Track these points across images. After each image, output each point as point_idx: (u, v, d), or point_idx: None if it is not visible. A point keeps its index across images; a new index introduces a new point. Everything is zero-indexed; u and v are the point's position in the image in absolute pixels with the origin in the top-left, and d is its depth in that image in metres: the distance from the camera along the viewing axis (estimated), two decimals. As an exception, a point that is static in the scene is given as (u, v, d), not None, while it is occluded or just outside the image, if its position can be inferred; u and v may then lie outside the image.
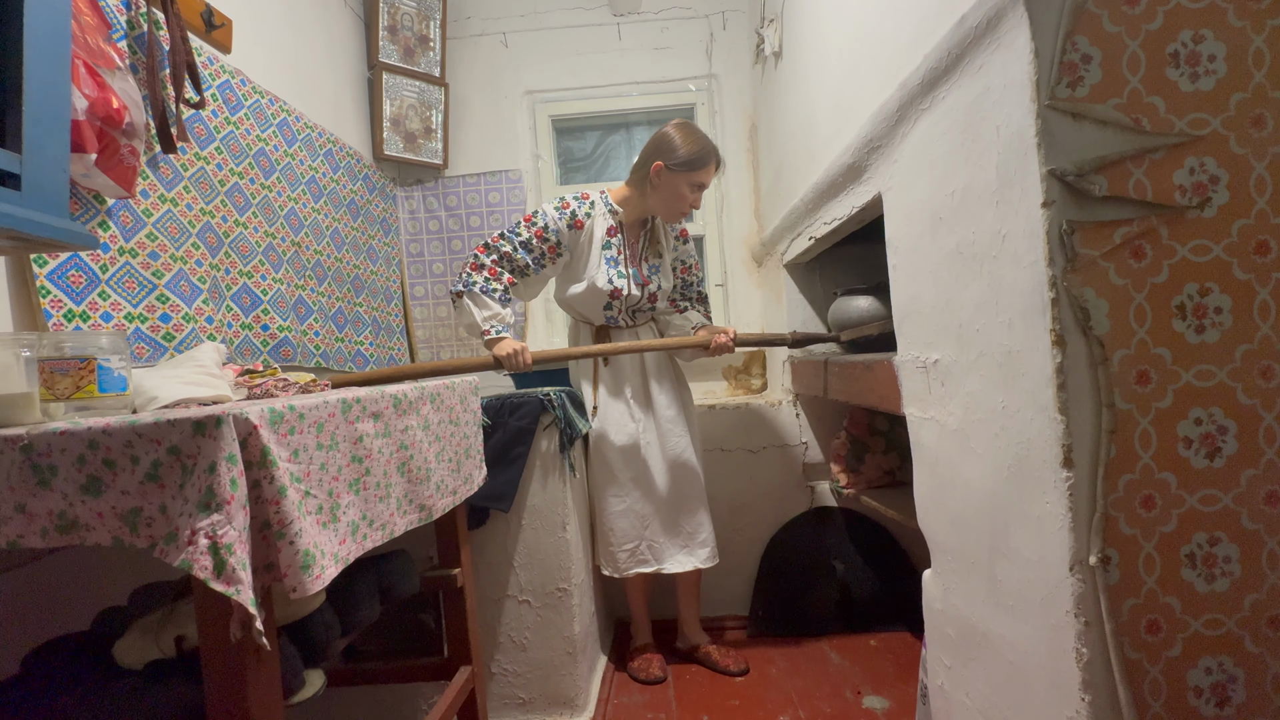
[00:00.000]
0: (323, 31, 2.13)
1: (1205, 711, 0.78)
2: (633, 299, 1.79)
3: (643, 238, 1.83)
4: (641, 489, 1.79)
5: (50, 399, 0.83)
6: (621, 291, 1.76)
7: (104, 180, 1.10)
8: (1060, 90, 0.77)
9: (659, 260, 1.85)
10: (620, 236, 1.79)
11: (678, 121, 1.75)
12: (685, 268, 1.91)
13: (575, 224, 1.76)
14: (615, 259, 1.77)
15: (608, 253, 1.77)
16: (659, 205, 1.76)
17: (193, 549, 0.61)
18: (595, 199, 1.80)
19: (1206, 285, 0.77)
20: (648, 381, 1.83)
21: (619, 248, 1.78)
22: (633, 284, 1.78)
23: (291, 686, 0.85)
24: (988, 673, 0.99)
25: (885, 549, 2.07)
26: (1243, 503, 0.78)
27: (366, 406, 0.91)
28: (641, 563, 1.79)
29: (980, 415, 0.95)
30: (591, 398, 1.80)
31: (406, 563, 1.20)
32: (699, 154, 1.70)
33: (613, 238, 1.78)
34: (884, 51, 1.21)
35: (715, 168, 1.75)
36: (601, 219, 1.79)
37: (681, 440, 1.83)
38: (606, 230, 1.78)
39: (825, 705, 1.61)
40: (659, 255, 1.85)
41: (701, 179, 1.73)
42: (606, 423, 1.78)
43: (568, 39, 2.65)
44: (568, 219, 1.75)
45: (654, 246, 1.85)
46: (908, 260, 1.15)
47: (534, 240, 1.73)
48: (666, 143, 1.71)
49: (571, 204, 1.77)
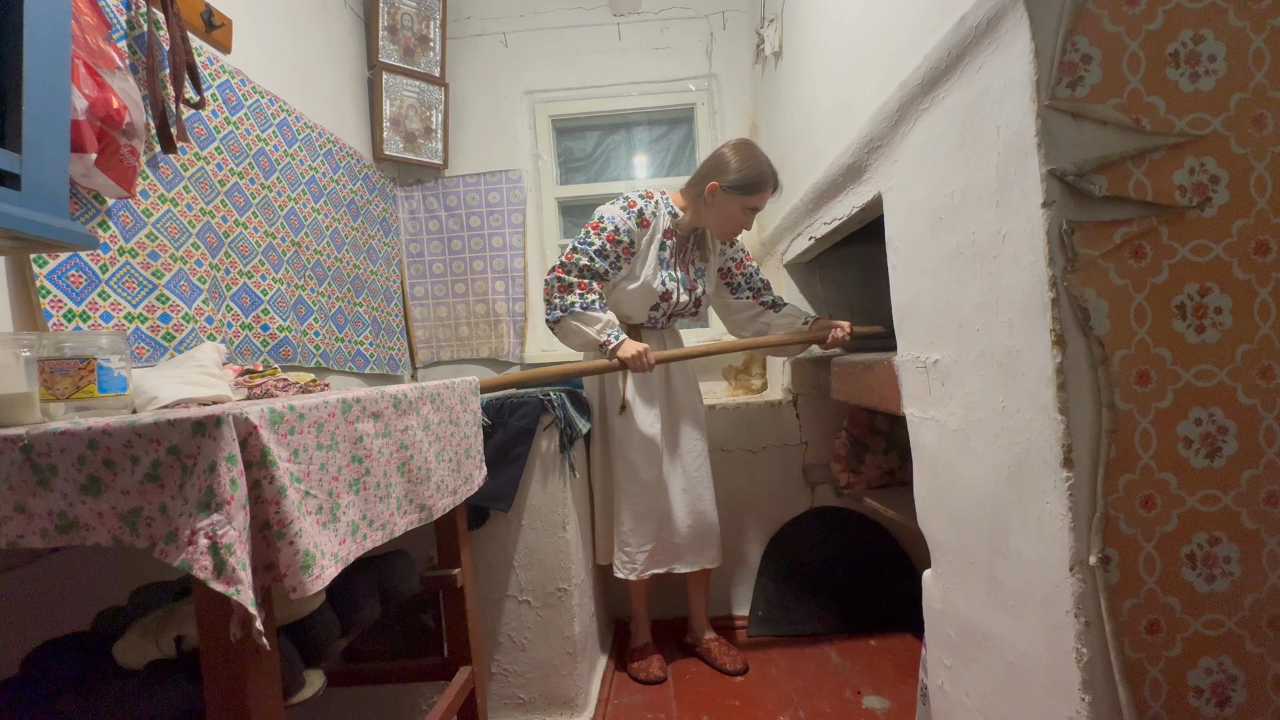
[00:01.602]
0: (323, 31, 2.13)
1: (1205, 711, 0.78)
2: (679, 304, 1.82)
3: (692, 243, 1.84)
4: (662, 490, 1.80)
5: (50, 399, 0.83)
6: (671, 295, 1.79)
7: (104, 180, 1.10)
8: (1060, 90, 0.77)
9: (705, 265, 1.87)
10: (675, 240, 1.80)
11: (737, 141, 1.75)
12: (738, 263, 1.91)
13: (642, 222, 1.76)
14: (668, 261, 1.79)
15: (662, 254, 1.78)
16: (711, 222, 1.78)
17: (193, 549, 0.61)
18: (659, 199, 1.80)
19: (1206, 285, 0.77)
20: (671, 382, 1.85)
21: (672, 251, 1.80)
22: (682, 289, 1.81)
23: (291, 686, 0.85)
24: (988, 673, 0.99)
25: (885, 549, 2.07)
26: (1243, 503, 0.78)
27: (366, 406, 0.91)
28: (657, 564, 1.81)
29: (980, 415, 0.95)
30: (620, 396, 1.80)
31: (406, 563, 1.20)
32: (755, 179, 1.70)
33: (668, 240, 1.79)
34: (884, 51, 1.21)
35: (772, 191, 1.75)
36: (663, 219, 1.79)
37: (699, 443, 1.86)
38: (664, 232, 1.79)
39: (825, 705, 1.61)
40: (705, 260, 1.87)
41: (755, 203, 1.73)
42: (634, 423, 1.78)
43: (568, 39, 2.65)
44: (635, 218, 1.75)
45: (703, 253, 1.87)
46: (908, 260, 1.15)
47: (608, 245, 1.72)
48: (722, 163, 1.71)
49: (638, 203, 1.77)
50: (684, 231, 1.82)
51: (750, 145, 1.75)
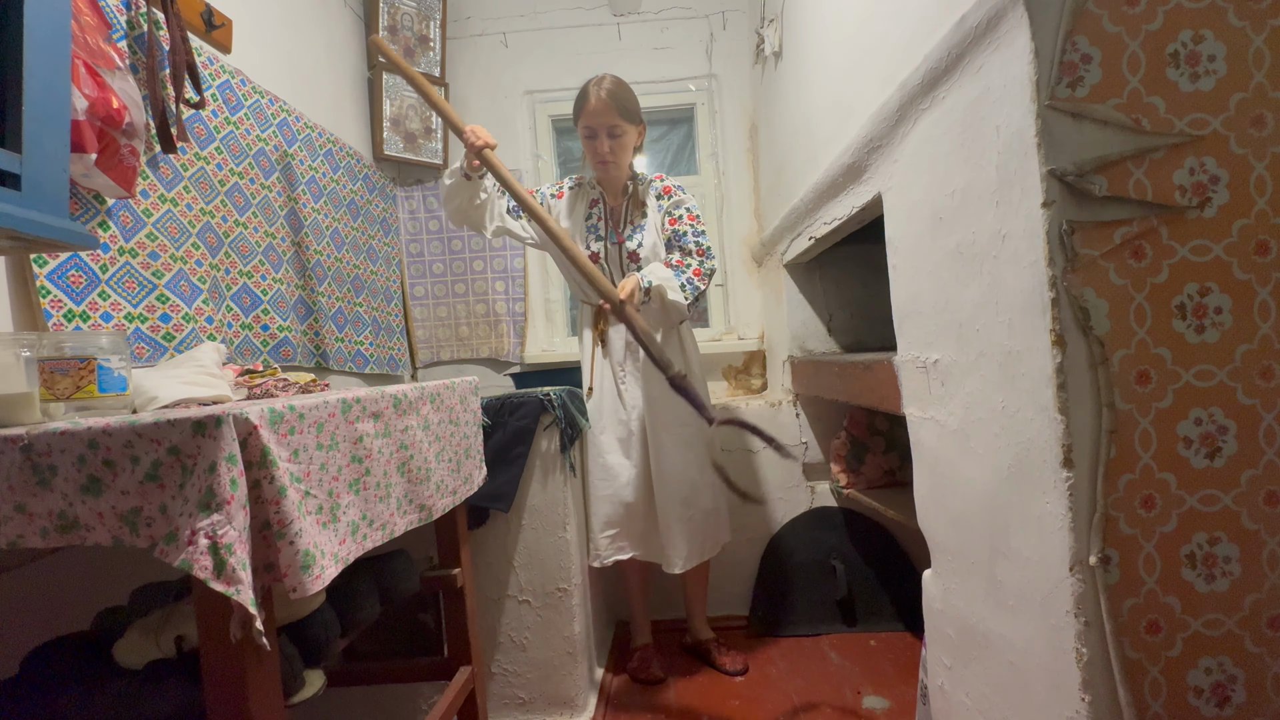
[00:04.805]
0: (323, 31, 2.13)
1: (1205, 711, 0.78)
2: (613, 258, 1.80)
3: (625, 204, 1.84)
4: (630, 476, 1.74)
5: (50, 399, 0.83)
6: (599, 255, 1.79)
7: (104, 180, 1.10)
8: (1060, 90, 0.77)
9: (643, 220, 1.82)
10: (601, 207, 1.83)
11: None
12: (674, 219, 1.80)
13: (557, 194, 1.86)
14: (595, 225, 1.83)
15: (589, 223, 1.83)
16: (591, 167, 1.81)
17: (193, 549, 0.61)
18: (585, 179, 1.87)
19: (1206, 285, 0.77)
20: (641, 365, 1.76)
21: (599, 216, 1.83)
22: (609, 244, 1.81)
23: (291, 686, 0.85)
24: (988, 673, 0.99)
25: (885, 549, 2.07)
26: (1243, 503, 0.78)
27: (366, 406, 0.91)
28: (620, 550, 1.76)
29: (980, 415, 0.95)
30: (588, 379, 1.79)
31: (406, 563, 1.20)
32: (576, 102, 1.74)
33: (594, 208, 1.84)
34: (884, 51, 1.21)
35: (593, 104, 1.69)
36: (584, 193, 1.86)
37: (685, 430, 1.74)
38: (589, 203, 1.84)
39: (825, 705, 1.61)
40: (643, 216, 1.83)
41: (585, 124, 1.73)
42: (603, 406, 1.78)
43: (568, 39, 2.65)
44: (552, 189, 1.87)
45: (638, 210, 1.83)
46: (908, 260, 1.15)
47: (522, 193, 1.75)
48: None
49: (562, 181, 1.89)
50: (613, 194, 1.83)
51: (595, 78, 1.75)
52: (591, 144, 1.74)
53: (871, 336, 2.13)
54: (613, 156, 1.73)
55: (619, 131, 1.71)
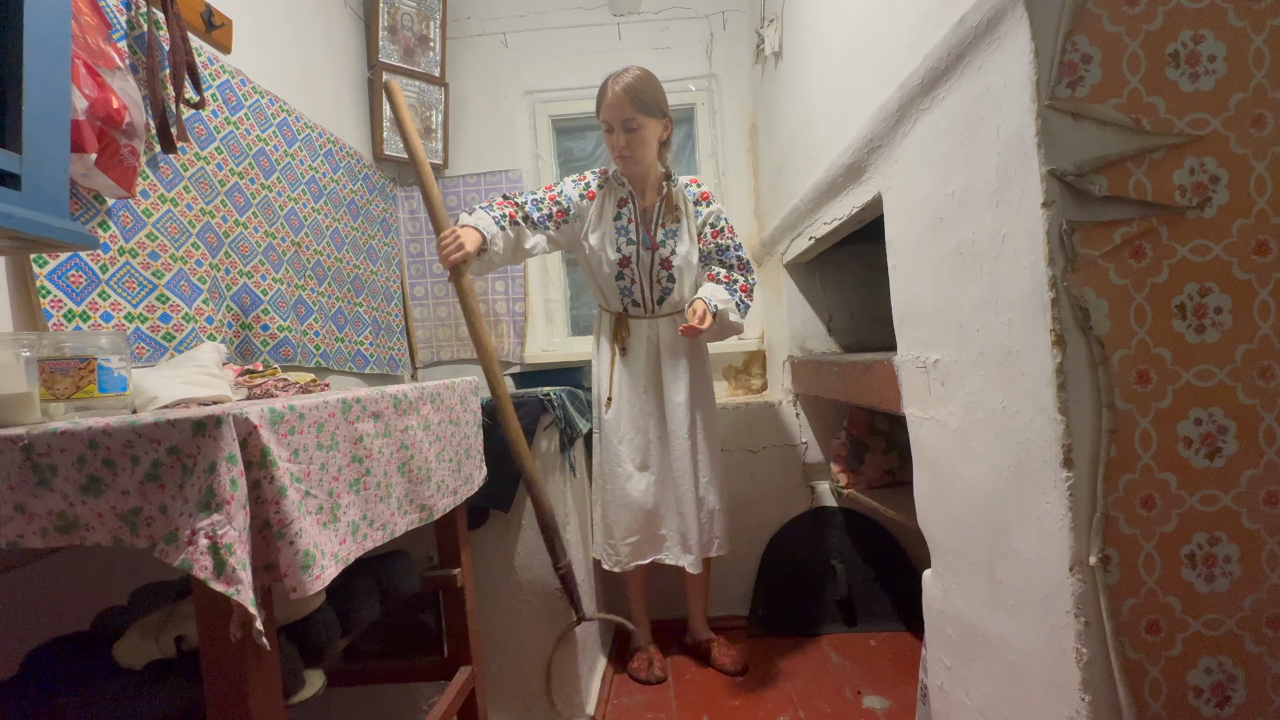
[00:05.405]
0: (323, 31, 2.13)
1: (1205, 711, 0.78)
2: (644, 264, 1.74)
3: (658, 205, 1.76)
4: (650, 481, 1.77)
5: (50, 399, 0.83)
6: (630, 260, 1.73)
7: (104, 180, 1.10)
8: (1060, 90, 0.77)
9: (676, 225, 1.76)
10: (631, 206, 1.75)
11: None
12: (716, 231, 1.78)
13: (588, 195, 1.76)
14: (625, 228, 1.75)
15: (618, 223, 1.75)
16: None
17: (193, 549, 0.61)
18: (611, 173, 1.79)
19: (1206, 285, 0.77)
20: (661, 373, 1.78)
21: (629, 216, 1.75)
22: (642, 249, 1.73)
23: (291, 686, 0.85)
24: (988, 673, 0.99)
25: (885, 549, 2.07)
26: (1243, 503, 0.78)
27: (366, 406, 0.91)
28: (641, 555, 1.78)
29: (980, 415, 0.95)
30: (606, 388, 1.78)
31: (406, 563, 1.20)
32: (597, 98, 1.68)
33: (623, 208, 1.76)
34: (884, 51, 1.21)
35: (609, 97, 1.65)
36: (613, 191, 1.77)
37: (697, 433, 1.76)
38: (618, 202, 1.76)
39: (825, 705, 1.61)
40: (676, 220, 1.76)
41: (602, 118, 1.69)
42: (620, 414, 1.76)
43: (568, 39, 2.65)
44: (581, 189, 1.77)
45: (671, 213, 1.76)
46: (908, 260, 1.15)
47: (545, 199, 1.72)
48: None
49: (587, 176, 1.79)
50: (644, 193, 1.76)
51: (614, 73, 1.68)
52: (609, 138, 1.70)
53: (871, 336, 2.13)
54: (629, 151, 1.68)
55: (634, 125, 1.65)
